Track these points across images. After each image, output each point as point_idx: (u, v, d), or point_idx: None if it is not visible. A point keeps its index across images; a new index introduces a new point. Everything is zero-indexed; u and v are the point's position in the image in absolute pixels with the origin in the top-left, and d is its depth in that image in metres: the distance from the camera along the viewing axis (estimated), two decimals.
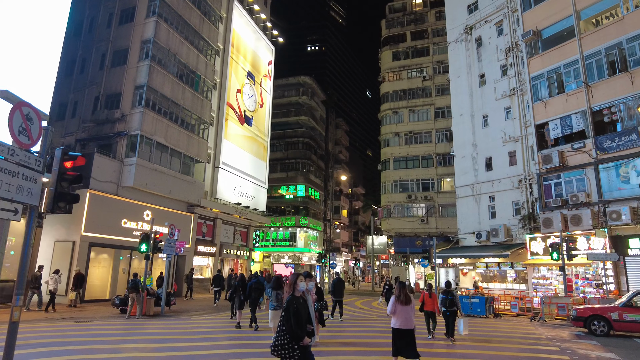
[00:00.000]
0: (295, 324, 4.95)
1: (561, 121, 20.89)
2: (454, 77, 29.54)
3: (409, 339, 7.44)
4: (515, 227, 23.37)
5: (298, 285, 5.38)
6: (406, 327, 7.43)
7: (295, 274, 5.81)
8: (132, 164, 21.98)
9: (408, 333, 7.44)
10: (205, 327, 13.21)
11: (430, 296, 11.44)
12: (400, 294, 7.60)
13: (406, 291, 7.71)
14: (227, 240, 31.10)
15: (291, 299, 5.17)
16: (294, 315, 4.99)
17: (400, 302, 7.52)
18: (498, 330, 13.69)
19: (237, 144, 32.56)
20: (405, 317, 7.46)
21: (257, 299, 12.62)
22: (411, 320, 7.50)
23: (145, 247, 15.45)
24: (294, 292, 5.30)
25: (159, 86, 24.03)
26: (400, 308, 7.50)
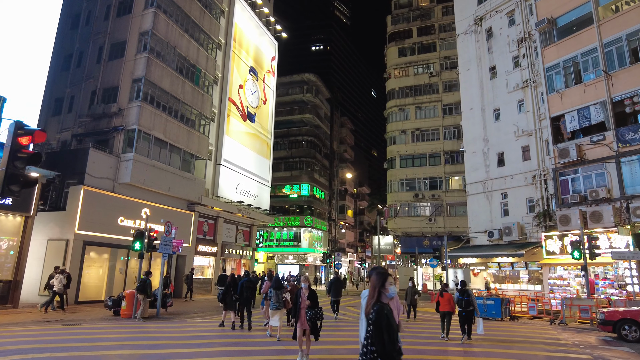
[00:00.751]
0: (389, 341, 3.59)
1: (578, 113, 19.80)
2: (463, 70, 28.49)
3: None
4: (530, 225, 22.27)
5: (387, 288, 3.87)
6: None
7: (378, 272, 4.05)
8: (129, 160, 21.15)
9: None
10: (200, 330, 12.29)
11: (442, 295, 11.30)
12: None
13: None
14: (229, 240, 30.21)
15: (380, 308, 3.67)
16: (388, 331, 3.58)
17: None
18: (518, 334, 12.65)
19: (239, 140, 31.69)
20: None
21: (249, 298, 12.38)
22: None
23: (139, 245, 14.58)
24: (381, 297, 3.77)
25: (158, 80, 23.21)
26: None
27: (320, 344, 9.83)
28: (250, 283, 12.56)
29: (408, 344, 10.49)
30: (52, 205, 19.60)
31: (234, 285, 12.67)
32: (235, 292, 12.47)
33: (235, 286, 12.61)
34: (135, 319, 13.84)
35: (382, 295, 3.78)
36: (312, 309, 7.97)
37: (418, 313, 17.19)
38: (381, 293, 3.78)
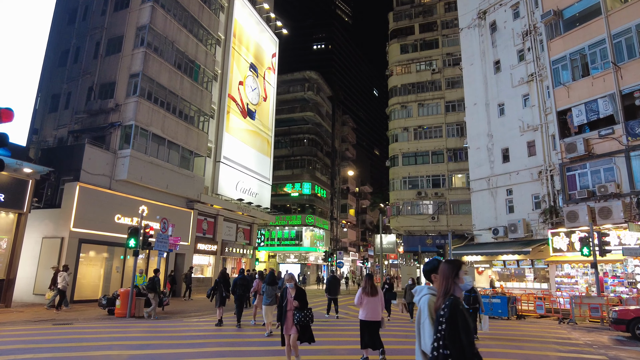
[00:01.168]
0: (467, 344, 2.79)
1: (586, 106, 19.25)
2: (466, 64, 27.95)
3: (374, 330, 7.50)
4: (536, 222, 21.73)
5: (460, 278, 3.07)
6: (372, 318, 7.49)
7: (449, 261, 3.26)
8: (126, 156, 20.75)
9: (374, 324, 7.50)
10: (194, 329, 11.85)
11: None
12: (366, 286, 7.70)
13: (372, 283, 7.82)
14: (230, 238, 29.78)
15: (454, 302, 2.89)
16: (465, 330, 2.81)
17: (366, 293, 7.61)
18: (527, 333, 12.16)
19: (239, 138, 31.26)
20: (372, 309, 7.52)
21: (242, 295, 12.27)
22: (377, 312, 7.57)
23: (134, 242, 14.15)
24: (454, 290, 3.01)
25: (155, 75, 22.80)
26: (367, 300, 7.57)
27: (320, 344, 9.38)
28: (244, 280, 12.45)
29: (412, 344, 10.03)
30: (47, 203, 19.22)
31: (225, 282, 12.61)
32: (227, 290, 12.48)
33: (226, 283, 12.65)
34: (131, 319, 13.43)
35: (456, 288, 3.01)
36: (301, 311, 6.85)
37: None
38: (455, 285, 3.01)
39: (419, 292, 3.34)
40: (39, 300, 17.21)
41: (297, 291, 7.12)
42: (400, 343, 10.32)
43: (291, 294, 7.06)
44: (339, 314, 15.73)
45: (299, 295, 7.07)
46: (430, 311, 3.08)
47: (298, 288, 7.15)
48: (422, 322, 3.14)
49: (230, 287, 12.70)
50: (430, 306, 3.11)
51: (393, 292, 15.60)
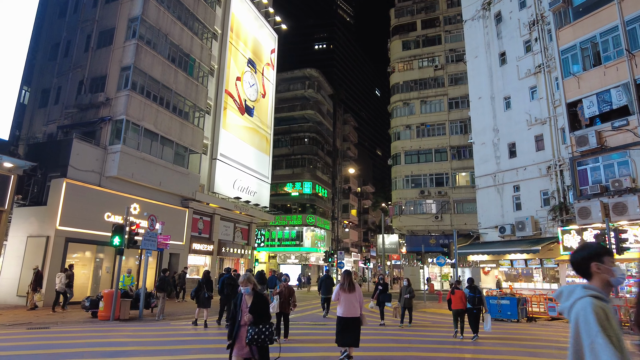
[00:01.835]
0: None
1: (598, 97, 18.31)
2: (470, 57, 27.03)
3: (352, 326, 7.39)
4: (544, 220, 20.77)
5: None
6: (350, 315, 7.40)
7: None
8: (117, 152, 19.92)
9: (351, 321, 7.40)
10: (180, 333, 10.97)
11: (454, 292, 11.08)
12: (344, 282, 7.60)
13: (351, 279, 7.69)
14: (227, 238, 28.91)
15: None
16: None
17: (343, 290, 7.51)
18: (541, 337, 11.21)
19: (237, 135, 30.41)
20: (349, 305, 7.42)
21: (229, 295, 11.86)
22: (355, 309, 7.44)
23: (118, 241, 13.29)
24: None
25: (148, 68, 21.98)
26: (344, 296, 7.47)
27: (314, 350, 8.50)
28: (231, 280, 12.11)
29: (425, 350, 9.12)
30: (33, 200, 18.40)
31: (207, 282, 12.34)
32: (210, 290, 12.17)
33: (209, 283, 12.34)
34: (115, 322, 12.57)
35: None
36: (258, 325, 4.85)
37: (420, 314, 15.76)
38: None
39: (567, 296, 2.13)
40: (24, 302, 16.37)
41: (256, 299, 5.05)
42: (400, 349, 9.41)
43: (247, 303, 5.04)
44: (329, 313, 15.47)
45: (258, 304, 5.01)
46: (603, 324, 1.91)
47: (257, 294, 5.13)
48: (589, 343, 1.89)
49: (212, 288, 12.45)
50: (600, 315, 1.94)
51: (387, 293, 13.93)
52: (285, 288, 9.93)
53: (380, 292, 13.68)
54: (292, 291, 9.95)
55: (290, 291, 9.91)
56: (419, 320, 14.94)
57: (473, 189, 38.81)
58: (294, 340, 9.71)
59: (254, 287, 5.13)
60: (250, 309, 4.90)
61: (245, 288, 5.06)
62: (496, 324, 14.17)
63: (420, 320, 15.29)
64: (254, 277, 5.29)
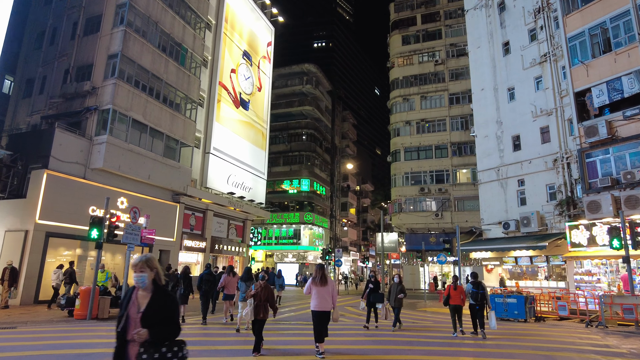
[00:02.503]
0: None
1: (608, 85, 17.38)
2: (473, 48, 26.10)
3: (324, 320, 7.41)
4: (551, 215, 19.85)
5: None
6: (322, 308, 7.43)
7: None
8: (102, 143, 18.97)
9: (324, 315, 7.45)
10: None
11: (456, 288, 10.79)
12: (316, 276, 7.66)
13: (323, 272, 7.74)
14: (220, 235, 27.96)
15: None
16: None
17: (315, 283, 7.54)
18: (554, 339, 10.27)
19: (231, 129, 29.46)
20: (321, 299, 7.44)
21: (208, 291, 11.74)
22: (328, 302, 7.49)
23: (96, 234, 12.34)
24: None
25: (137, 56, 21.03)
26: (317, 289, 7.49)
27: (305, 353, 7.59)
28: (210, 276, 11.89)
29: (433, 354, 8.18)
30: (12, 193, 17.44)
31: (186, 279, 11.96)
32: (188, 287, 11.86)
33: (187, 280, 11.94)
34: (92, 321, 11.63)
35: None
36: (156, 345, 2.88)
37: (421, 314, 14.77)
38: None
39: None
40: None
41: (155, 298, 3.02)
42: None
43: (137, 305, 3.01)
44: None
45: (158, 308, 2.99)
46: None
47: (158, 290, 3.07)
48: None
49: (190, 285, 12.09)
50: None
51: (379, 292, 12.02)
52: (261, 289, 7.92)
53: (371, 291, 11.88)
54: (270, 293, 7.97)
55: (268, 293, 7.93)
56: (419, 321, 14.02)
57: (474, 186, 37.92)
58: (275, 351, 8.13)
59: (155, 278, 3.07)
60: (143, 317, 2.90)
61: (139, 276, 2.99)
62: (503, 324, 13.24)
63: (420, 320, 14.37)
64: (157, 262, 3.19)
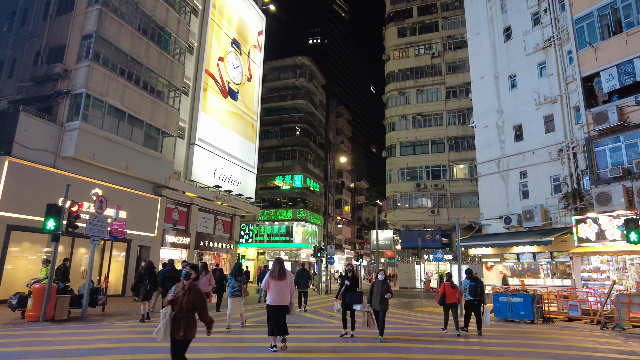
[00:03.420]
0: None
1: (619, 69, 16.17)
2: (472, 34, 24.85)
3: (281, 315, 7.32)
4: (555, 208, 18.64)
5: None
6: (279, 303, 7.32)
7: None
8: (74, 129, 17.53)
9: (281, 309, 7.34)
10: (119, 337, 8.68)
11: (453, 287, 10.43)
12: (274, 270, 7.52)
13: (281, 267, 7.58)
14: (206, 231, 26.55)
15: None
16: None
17: (273, 277, 7.43)
18: (571, 344, 9.02)
19: (218, 119, 28.04)
20: (279, 293, 7.34)
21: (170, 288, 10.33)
22: (285, 296, 7.37)
23: (53, 224, 10.94)
24: None
25: (114, 38, 19.59)
26: (274, 283, 7.40)
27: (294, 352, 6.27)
28: (173, 272, 11.37)
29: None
30: None
31: (150, 274, 11.34)
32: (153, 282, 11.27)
33: (152, 275, 11.39)
34: (46, 323, 10.24)
35: None
36: None
37: (417, 314, 13.48)
38: None
39: None
40: None
41: None
42: None
43: None
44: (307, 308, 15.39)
45: None
46: None
47: None
48: None
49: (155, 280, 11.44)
50: None
51: (357, 291, 9.57)
52: (184, 292, 4.99)
53: (347, 289, 9.51)
54: (199, 298, 5.02)
55: (195, 298, 4.98)
56: (417, 323, 12.72)
57: (471, 182, 36.79)
58: None
59: None
60: None
61: None
62: (508, 326, 12.01)
63: (418, 321, 13.08)
64: None
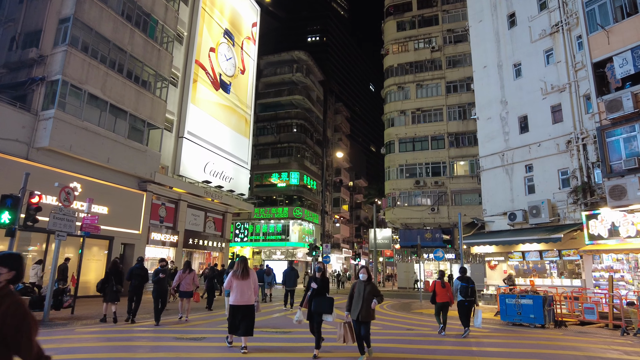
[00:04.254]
0: None
1: (633, 53, 15.02)
2: (474, 22, 23.69)
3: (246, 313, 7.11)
4: (563, 203, 17.49)
5: None
6: (243, 302, 7.12)
7: None
8: (49, 118, 16.37)
9: (244, 309, 7.11)
10: (75, 344, 7.51)
11: (444, 285, 10.25)
12: (237, 269, 7.27)
13: (245, 265, 7.31)
14: (196, 229, 25.38)
15: None
16: None
17: (236, 277, 7.22)
18: (590, 353, 7.87)
19: (209, 112, 26.88)
20: (242, 292, 7.14)
21: (138, 287, 10.62)
22: (248, 296, 7.16)
23: (8, 217, 9.75)
24: None
25: (94, 23, 18.42)
26: (237, 283, 7.19)
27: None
28: (141, 270, 10.75)
29: None
30: None
31: (117, 273, 10.75)
32: (119, 282, 10.74)
33: (118, 274, 10.76)
34: None
35: None
36: None
37: (417, 317, 12.33)
38: None
39: None
40: None
41: None
42: None
43: None
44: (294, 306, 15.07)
45: None
46: None
47: None
48: None
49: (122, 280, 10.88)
50: None
51: (327, 297, 7.35)
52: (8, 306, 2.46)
53: (314, 295, 7.30)
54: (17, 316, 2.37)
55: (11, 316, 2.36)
56: (417, 327, 11.56)
57: (472, 179, 35.67)
58: None
59: None
60: None
61: None
62: (517, 331, 10.84)
63: (417, 325, 11.92)
64: None
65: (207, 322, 11.30)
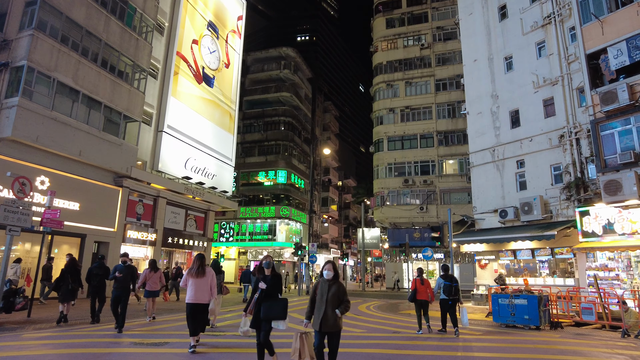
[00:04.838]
0: None
1: (628, 43, 14.50)
2: (464, 15, 23.08)
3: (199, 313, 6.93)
4: (556, 200, 16.91)
5: None
6: (198, 300, 6.92)
7: None
8: (13, 107, 15.24)
9: (199, 307, 6.94)
10: (14, 352, 6.55)
11: (423, 282, 10.13)
12: (193, 267, 7.11)
13: (201, 263, 7.10)
14: (175, 227, 24.32)
15: None
16: None
17: (191, 274, 7.05)
18: (590, 359, 7.15)
19: (191, 106, 25.85)
20: (198, 291, 6.95)
21: (99, 287, 10.04)
22: (204, 294, 6.98)
23: None
24: None
25: (65, 7, 17.33)
26: (192, 281, 7.01)
27: None
28: (101, 269, 10.12)
29: None
30: None
31: (73, 272, 10.26)
32: (76, 281, 10.24)
33: (75, 273, 10.33)
34: None
35: None
36: None
37: (405, 318, 11.62)
38: None
39: None
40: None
41: None
42: None
43: None
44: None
45: None
46: None
47: None
48: None
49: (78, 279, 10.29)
50: None
51: (279, 299, 5.92)
52: None
53: (262, 297, 5.87)
54: None
55: None
56: (404, 330, 10.76)
57: (461, 178, 35.20)
58: None
59: None
60: None
61: None
62: (511, 333, 10.12)
63: (404, 327, 11.12)
64: None
65: (175, 325, 10.39)
